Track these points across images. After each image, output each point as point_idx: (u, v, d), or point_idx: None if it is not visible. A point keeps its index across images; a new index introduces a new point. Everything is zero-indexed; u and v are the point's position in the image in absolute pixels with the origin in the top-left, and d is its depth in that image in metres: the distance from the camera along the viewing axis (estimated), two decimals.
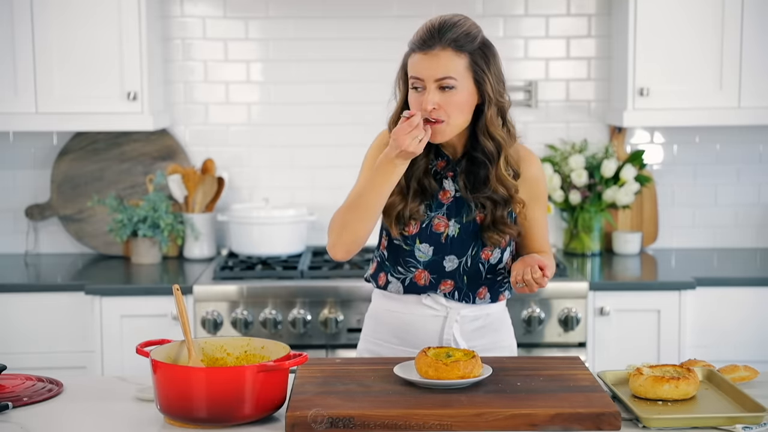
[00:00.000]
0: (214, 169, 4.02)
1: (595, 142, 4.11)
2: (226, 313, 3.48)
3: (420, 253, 2.35)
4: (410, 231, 2.34)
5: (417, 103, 2.22)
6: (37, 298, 3.55)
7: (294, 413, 1.94)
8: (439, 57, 2.18)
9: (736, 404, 2.07)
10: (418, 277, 2.37)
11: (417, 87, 2.22)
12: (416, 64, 2.21)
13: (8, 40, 3.67)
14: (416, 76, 2.21)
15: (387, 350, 2.44)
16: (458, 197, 2.34)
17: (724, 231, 4.18)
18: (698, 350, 3.52)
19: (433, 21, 2.23)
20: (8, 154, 4.10)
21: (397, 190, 2.29)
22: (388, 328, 2.43)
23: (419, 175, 2.31)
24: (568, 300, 3.49)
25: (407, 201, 2.31)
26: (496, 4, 4.06)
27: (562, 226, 4.13)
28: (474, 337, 2.42)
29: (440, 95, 2.19)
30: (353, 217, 2.25)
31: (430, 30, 2.20)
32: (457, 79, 2.19)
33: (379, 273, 2.43)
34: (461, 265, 2.35)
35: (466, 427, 1.94)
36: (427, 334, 2.39)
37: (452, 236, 2.34)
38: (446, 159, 2.34)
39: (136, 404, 2.15)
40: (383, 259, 2.41)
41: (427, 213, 2.34)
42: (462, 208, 2.34)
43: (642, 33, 3.73)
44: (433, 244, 2.34)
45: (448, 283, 2.37)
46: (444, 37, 2.18)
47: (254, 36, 4.08)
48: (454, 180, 2.34)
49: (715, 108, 3.76)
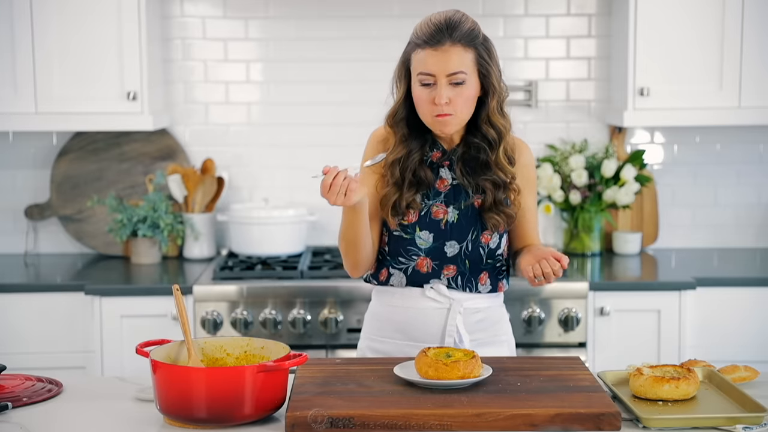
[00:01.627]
0: (214, 169, 4.02)
1: (595, 142, 4.10)
2: (226, 314, 3.48)
3: (421, 240, 2.39)
4: (409, 219, 2.38)
5: (427, 98, 2.27)
6: (36, 299, 3.55)
7: (294, 413, 1.94)
8: (450, 53, 2.25)
9: (736, 404, 2.07)
10: (421, 265, 2.39)
11: (427, 83, 2.27)
12: (425, 59, 2.26)
13: (8, 39, 3.67)
14: (427, 72, 2.26)
15: (391, 347, 2.44)
16: (455, 185, 2.39)
17: (724, 231, 4.18)
18: (698, 350, 3.52)
19: (438, 18, 2.28)
20: (8, 154, 4.10)
21: (392, 181, 2.36)
22: (391, 324, 2.44)
23: (414, 166, 2.36)
24: (568, 300, 3.48)
25: (402, 191, 2.36)
26: (496, 4, 4.06)
27: (562, 226, 4.13)
28: (476, 329, 2.43)
29: (451, 90, 2.26)
30: (346, 248, 2.37)
31: (438, 27, 2.26)
32: (467, 73, 2.26)
33: (380, 270, 2.44)
34: (462, 249, 2.39)
35: (466, 427, 1.94)
36: (431, 327, 2.41)
37: (452, 222, 2.39)
38: (441, 150, 2.39)
39: (135, 404, 2.15)
40: (384, 255, 2.44)
41: (424, 201, 2.38)
42: (459, 195, 2.39)
43: (642, 33, 3.73)
44: (433, 231, 2.38)
45: (451, 268, 2.40)
46: (454, 34, 2.24)
47: (254, 36, 4.08)
48: (450, 168, 2.39)
49: (715, 108, 3.76)
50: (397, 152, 2.36)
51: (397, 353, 2.41)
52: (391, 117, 2.37)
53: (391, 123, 2.37)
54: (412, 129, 2.37)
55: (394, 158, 2.36)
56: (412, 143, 2.36)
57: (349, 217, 2.30)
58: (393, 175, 2.36)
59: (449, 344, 2.40)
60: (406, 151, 2.36)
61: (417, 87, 2.29)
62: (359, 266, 2.41)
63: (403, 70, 2.33)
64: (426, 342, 2.40)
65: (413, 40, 2.30)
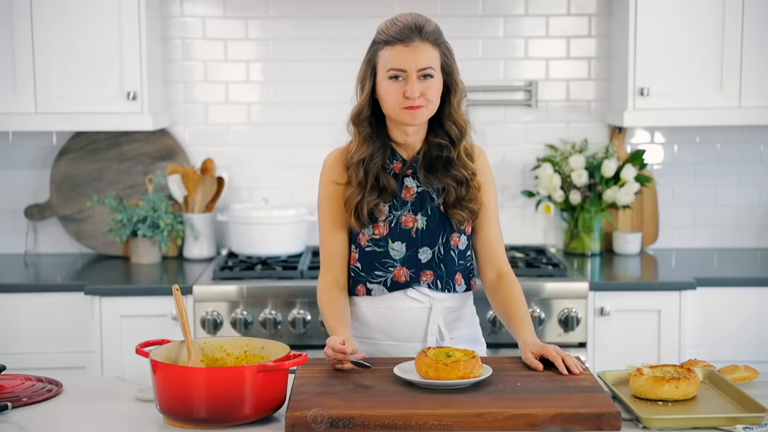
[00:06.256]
0: (214, 169, 4.02)
1: (596, 142, 4.10)
2: (226, 314, 3.48)
3: (394, 251, 2.43)
4: (381, 233, 2.43)
5: (398, 92, 2.34)
6: (36, 299, 3.55)
7: (294, 413, 1.94)
8: (420, 49, 2.34)
9: (736, 404, 2.07)
10: (398, 275, 2.43)
11: (397, 77, 2.34)
12: (396, 56, 2.34)
13: (8, 39, 3.67)
14: (398, 67, 2.34)
15: (373, 347, 2.45)
16: (420, 191, 2.44)
17: (724, 231, 4.18)
18: (698, 350, 3.52)
19: (405, 18, 2.38)
20: (8, 154, 4.10)
21: (356, 181, 2.42)
22: (373, 326, 2.46)
23: (376, 170, 2.42)
24: (569, 300, 3.48)
25: (365, 194, 2.41)
26: (496, 4, 4.06)
27: (562, 226, 4.13)
28: (454, 327, 2.48)
29: (421, 83, 2.34)
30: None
31: (407, 26, 2.36)
32: (434, 68, 2.35)
33: (356, 286, 2.47)
34: (435, 254, 2.43)
35: (466, 427, 1.94)
36: (413, 325, 2.44)
37: (421, 229, 2.43)
38: (401, 160, 2.45)
39: (135, 404, 2.15)
40: (357, 273, 2.46)
41: (392, 213, 2.43)
42: (425, 201, 2.44)
43: (642, 33, 3.73)
44: (405, 240, 2.43)
45: (428, 273, 2.44)
46: (422, 32, 2.35)
47: (254, 36, 4.08)
48: (414, 177, 2.44)
49: (715, 108, 3.76)
50: (362, 152, 2.42)
51: (379, 354, 2.43)
52: (356, 116, 2.43)
53: (355, 122, 2.44)
54: (373, 130, 2.43)
55: (359, 158, 2.42)
56: (374, 144, 2.42)
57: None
58: (357, 175, 2.42)
59: (431, 343, 2.42)
60: (369, 151, 2.42)
61: (385, 82, 2.36)
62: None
63: (369, 69, 2.40)
64: (408, 341, 2.43)
65: (380, 39, 2.38)
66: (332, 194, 2.46)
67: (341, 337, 2.26)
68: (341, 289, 2.45)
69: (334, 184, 2.46)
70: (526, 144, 4.12)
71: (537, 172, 4.04)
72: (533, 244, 4.13)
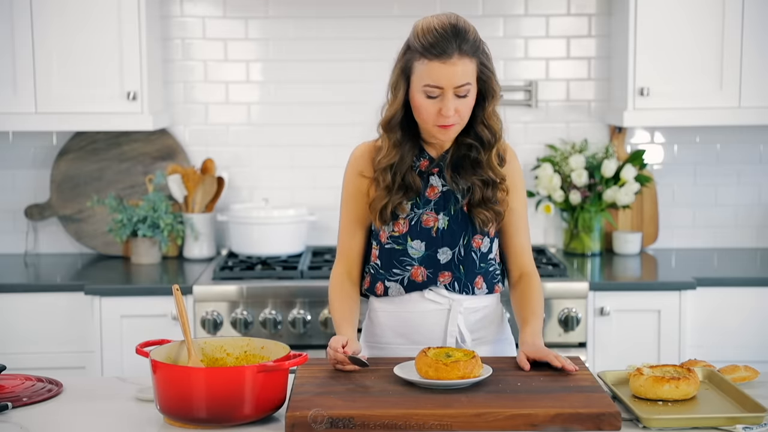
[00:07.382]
0: (214, 169, 4.02)
1: (595, 142, 4.10)
2: (226, 314, 3.48)
3: (413, 250, 2.39)
4: (400, 230, 2.39)
5: (433, 109, 2.27)
6: (36, 298, 3.55)
7: (294, 413, 1.94)
8: (457, 66, 2.24)
9: (736, 404, 2.07)
10: (415, 275, 2.40)
11: (433, 95, 2.26)
12: (434, 72, 2.24)
13: (8, 39, 3.67)
14: (435, 84, 2.25)
15: (392, 352, 2.43)
16: (445, 191, 2.40)
17: (724, 231, 4.18)
18: (698, 350, 3.52)
19: (443, 26, 2.25)
20: (8, 154, 4.10)
21: (383, 185, 2.37)
22: (391, 329, 2.44)
23: (404, 170, 2.37)
24: (568, 300, 3.48)
25: (391, 196, 2.37)
26: (496, 4, 4.06)
27: (562, 226, 4.13)
28: (477, 328, 2.44)
29: (457, 101, 2.27)
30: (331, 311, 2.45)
31: (445, 37, 2.24)
32: (471, 84, 2.28)
33: (375, 284, 2.45)
34: (455, 255, 2.39)
35: (466, 427, 1.94)
36: (432, 328, 2.41)
37: (442, 229, 2.39)
38: (429, 158, 2.40)
39: (135, 404, 2.15)
40: (377, 270, 2.44)
41: (414, 210, 2.39)
42: (449, 201, 2.40)
43: (642, 33, 3.73)
44: (425, 239, 2.39)
45: (446, 275, 2.40)
46: (462, 47, 2.24)
47: (254, 36, 4.08)
48: (440, 175, 2.40)
49: (715, 108, 3.76)
50: (391, 157, 2.36)
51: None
52: (387, 122, 2.35)
53: (386, 128, 2.35)
54: (404, 133, 2.37)
55: (388, 163, 2.36)
56: (405, 148, 2.37)
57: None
58: (384, 180, 2.36)
59: (451, 344, 2.39)
60: (399, 156, 2.36)
61: (420, 97, 2.28)
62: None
63: (402, 76, 2.31)
64: (428, 344, 2.39)
65: (415, 47, 2.27)
66: (357, 191, 2.42)
67: (344, 338, 2.25)
68: (353, 282, 2.45)
69: (359, 176, 2.41)
70: (526, 144, 4.12)
71: (537, 172, 4.04)
72: (533, 244, 4.13)
